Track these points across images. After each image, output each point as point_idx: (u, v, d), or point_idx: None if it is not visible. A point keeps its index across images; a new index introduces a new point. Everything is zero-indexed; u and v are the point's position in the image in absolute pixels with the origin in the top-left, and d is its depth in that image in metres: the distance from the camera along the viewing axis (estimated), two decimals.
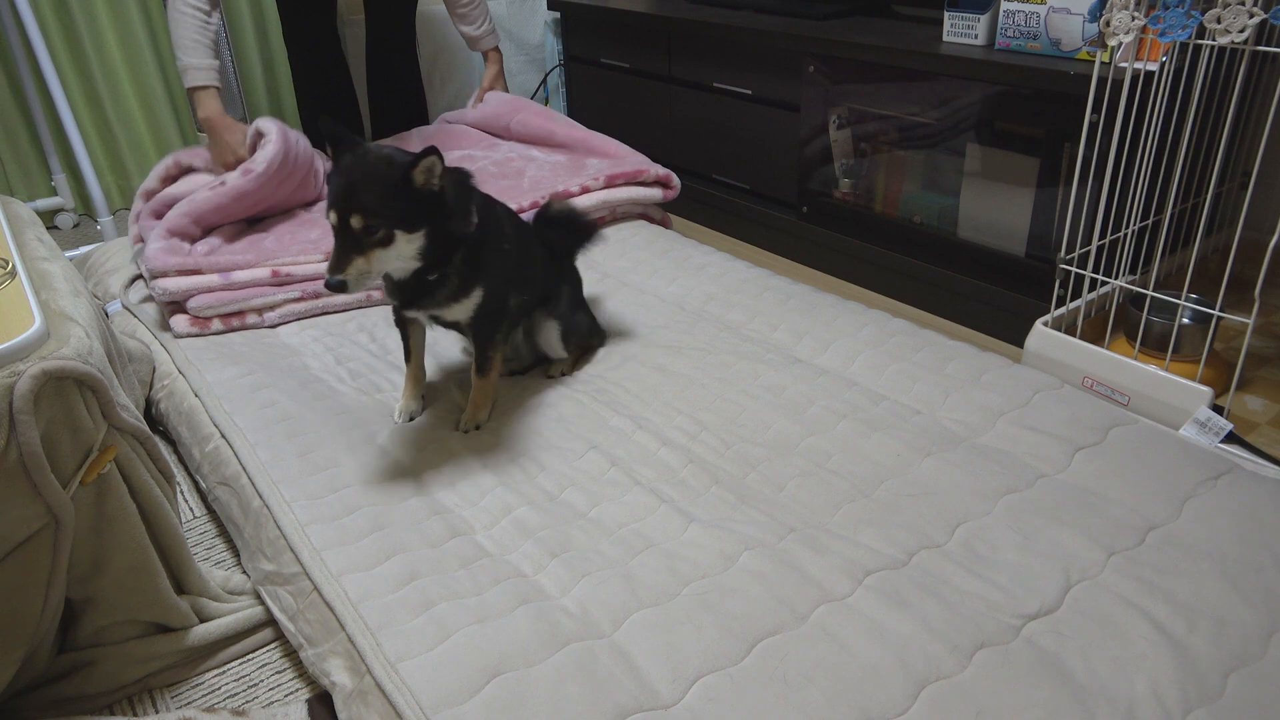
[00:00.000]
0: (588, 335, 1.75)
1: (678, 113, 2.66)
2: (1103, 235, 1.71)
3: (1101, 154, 1.65)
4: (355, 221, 1.23)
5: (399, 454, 1.46)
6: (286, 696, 1.16)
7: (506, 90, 2.69)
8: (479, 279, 1.44)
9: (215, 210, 2.00)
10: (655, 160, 2.80)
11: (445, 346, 1.82)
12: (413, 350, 1.60)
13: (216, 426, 1.51)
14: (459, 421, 1.54)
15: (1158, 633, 1.07)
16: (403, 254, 1.30)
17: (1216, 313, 1.56)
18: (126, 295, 2.03)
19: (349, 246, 1.24)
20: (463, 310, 1.47)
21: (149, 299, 1.97)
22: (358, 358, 1.78)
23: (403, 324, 1.58)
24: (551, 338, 1.66)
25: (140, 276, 2.10)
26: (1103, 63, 1.60)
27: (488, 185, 1.73)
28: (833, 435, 1.46)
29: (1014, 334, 1.87)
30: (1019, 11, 1.80)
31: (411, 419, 1.57)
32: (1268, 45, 1.59)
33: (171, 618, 1.19)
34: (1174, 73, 1.57)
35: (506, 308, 1.53)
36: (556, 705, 0.99)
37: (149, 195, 2.10)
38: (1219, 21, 1.40)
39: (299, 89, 2.69)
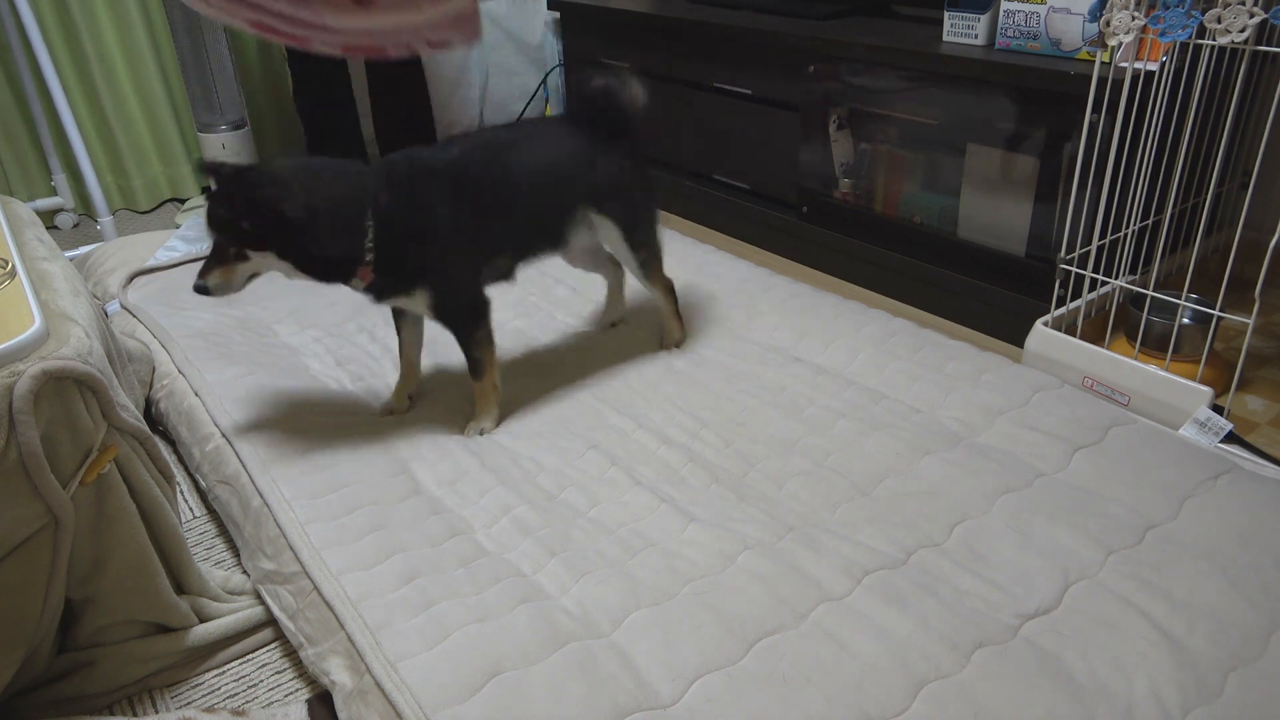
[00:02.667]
0: (656, 243, 1.69)
1: (678, 113, 2.66)
2: (1103, 235, 1.71)
3: (1101, 154, 1.65)
4: (215, 238, 1.34)
5: (399, 453, 1.46)
6: (286, 696, 1.16)
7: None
8: (418, 280, 1.43)
9: None
10: (655, 160, 2.80)
11: (446, 346, 1.82)
12: (401, 346, 1.60)
13: (217, 426, 1.51)
14: (465, 427, 1.54)
15: (1157, 632, 1.07)
16: (271, 267, 1.36)
17: (1216, 313, 1.55)
18: (125, 295, 2.03)
19: (215, 257, 1.35)
20: (417, 305, 1.47)
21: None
22: (358, 358, 1.78)
23: (395, 317, 1.59)
24: (612, 238, 1.64)
25: (139, 274, 2.11)
26: (1103, 63, 1.60)
27: None
28: (832, 434, 1.46)
29: (1014, 334, 1.87)
30: (1019, 11, 1.79)
31: (390, 414, 1.58)
32: (1268, 45, 1.59)
33: (171, 618, 1.19)
34: (1174, 73, 1.57)
35: (478, 300, 1.50)
36: (556, 704, 0.99)
37: None
38: (1219, 21, 1.40)
39: (297, 90, 2.68)
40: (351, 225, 1.35)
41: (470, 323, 1.50)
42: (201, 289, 1.34)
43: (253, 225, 1.31)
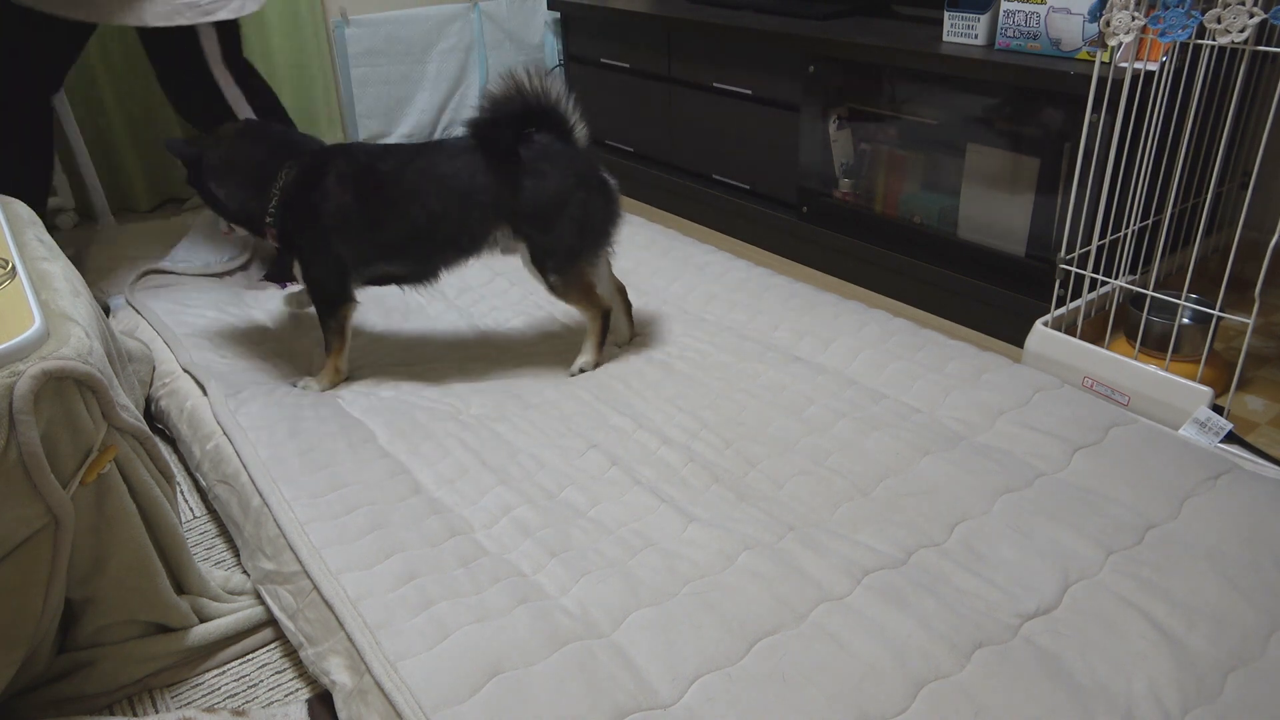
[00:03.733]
0: (573, 256, 1.62)
1: (678, 113, 2.66)
2: (1103, 235, 1.71)
3: (1101, 154, 1.65)
4: None
5: (398, 453, 1.46)
6: (286, 696, 1.16)
7: None
8: (294, 250, 1.64)
9: None
10: (655, 160, 2.81)
11: (443, 347, 1.82)
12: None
13: (219, 424, 1.51)
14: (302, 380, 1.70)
15: (1157, 632, 1.07)
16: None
17: (1216, 313, 1.55)
18: (130, 291, 2.03)
19: None
20: (299, 272, 1.67)
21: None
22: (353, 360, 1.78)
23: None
24: (524, 260, 1.64)
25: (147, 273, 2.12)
26: (1103, 63, 1.60)
27: None
28: (832, 433, 1.46)
29: (1014, 334, 1.87)
30: (1019, 11, 1.80)
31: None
32: (1268, 45, 1.59)
33: (171, 618, 1.19)
34: (1174, 73, 1.57)
35: (335, 290, 1.64)
36: (556, 704, 0.99)
37: None
38: (1219, 21, 1.40)
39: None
40: (253, 183, 1.60)
41: (323, 306, 1.66)
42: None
43: (186, 167, 1.60)
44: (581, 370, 1.71)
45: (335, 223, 1.58)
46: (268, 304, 2.02)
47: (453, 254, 1.64)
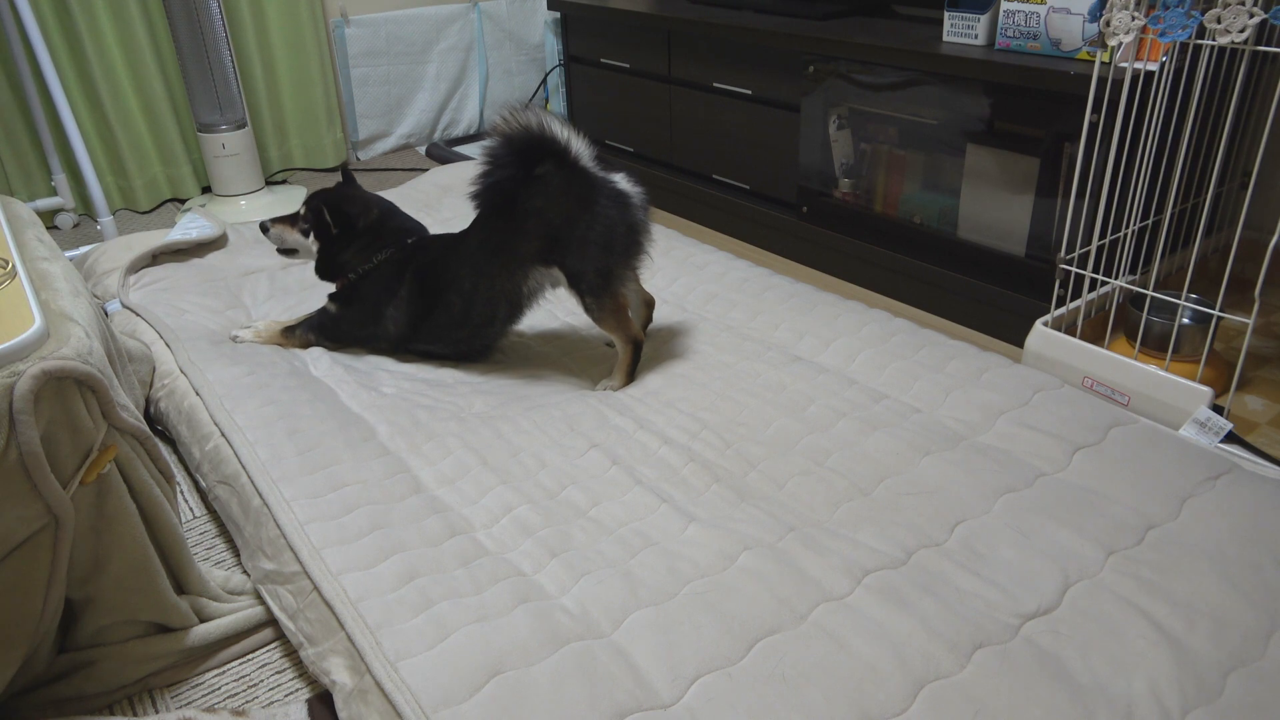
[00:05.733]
0: (604, 276, 1.61)
1: (678, 113, 2.66)
2: (1103, 235, 1.71)
3: (1101, 154, 1.65)
4: (302, 210, 1.81)
5: (398, 452, 1.45)
6: (286, 696, 1.16)
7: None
8: (350, 294, 1.80)
9: None
10: (655, 160, 2.81)
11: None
12: None
13: (217, 425, 1.51)
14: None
15: (1157, 632, 1.07)
16: (304, 251, 1.84)
17: (1216, 313, 1.56)
18: (126, 293, 2.03)
19: (289, 219, 1.83)
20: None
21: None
22: (358, 361, 1.78)
23: None
24: (561, 285, 1.66)
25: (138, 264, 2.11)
26: (1103, 63, 1.60)
27: None
28: (832, 433, 1.46)
29: (1014, 334, 1.87)
30: (1019, 11, 1.80)
31: None
32: (1268, 45, 1.59)
33: (171, 618, 1.19)
34: (1174, 73, 1.57)
35: (347, 336, 1.82)
36: (556, 704, 0.99)
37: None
38: (1219, 21, 1.40)
39: None
40: (367, 248, 1.78)
41: (319, 327, 1.82)
42: (263, 227, 1.83)
43: (334, 220, 1.76)
44: (606, 389, 1.69)
45: (400, 303, 1.75)
46: (266, 305, 2.02)
47: (500, 323, 1.73)
